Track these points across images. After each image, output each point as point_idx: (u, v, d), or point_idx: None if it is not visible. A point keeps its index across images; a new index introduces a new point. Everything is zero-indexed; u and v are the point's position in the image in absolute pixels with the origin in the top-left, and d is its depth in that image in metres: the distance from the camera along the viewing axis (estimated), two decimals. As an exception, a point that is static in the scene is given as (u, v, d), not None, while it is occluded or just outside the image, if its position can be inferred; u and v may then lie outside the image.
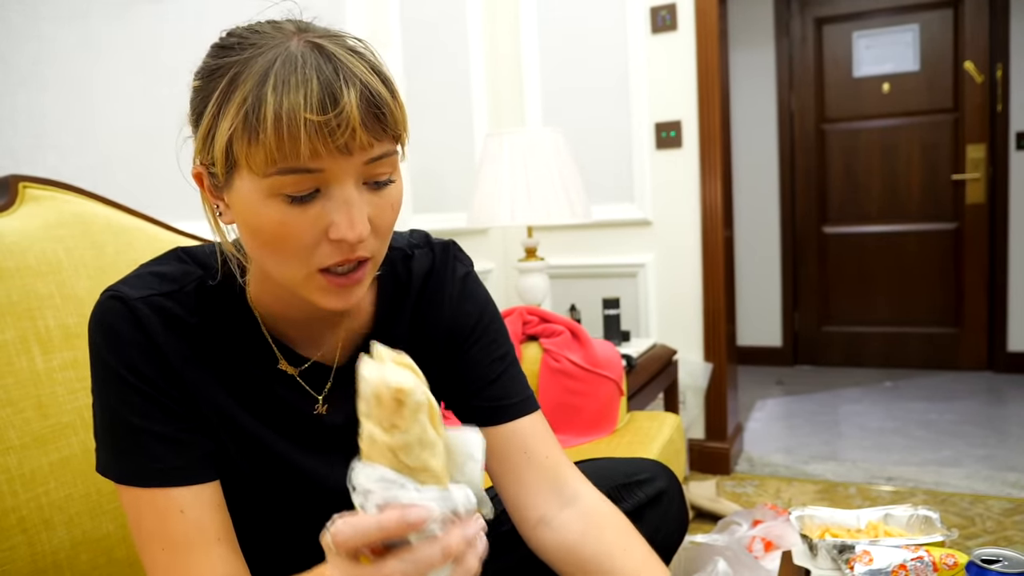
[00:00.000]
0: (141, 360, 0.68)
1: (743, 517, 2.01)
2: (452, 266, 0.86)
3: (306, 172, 0.60)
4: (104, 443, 0.70)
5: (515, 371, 0.87)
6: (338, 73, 0.59)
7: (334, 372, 0.79)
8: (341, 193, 0.62)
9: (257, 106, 0.58)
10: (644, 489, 0.93)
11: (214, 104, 0.61)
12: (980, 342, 3.84)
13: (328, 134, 0.58)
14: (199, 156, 0.65)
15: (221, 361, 0.73)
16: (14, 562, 0.86)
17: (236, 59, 0.61)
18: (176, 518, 0.67)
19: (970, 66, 3.71)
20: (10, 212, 0.99)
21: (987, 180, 3.75)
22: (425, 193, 2.27)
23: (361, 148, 0.61)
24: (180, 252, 0.76)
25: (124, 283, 0.71)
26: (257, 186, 0.61)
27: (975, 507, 2.19)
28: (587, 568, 0.77)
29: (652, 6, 2.51)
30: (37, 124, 1.18)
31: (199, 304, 0.72)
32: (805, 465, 2.63)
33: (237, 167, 0.62)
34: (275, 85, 0.58)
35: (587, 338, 1.77)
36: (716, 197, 2.50)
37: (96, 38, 1.27)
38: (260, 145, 0.59)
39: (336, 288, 0.66)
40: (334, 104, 0.58)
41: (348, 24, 1.94)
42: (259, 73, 0.59)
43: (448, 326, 0.84)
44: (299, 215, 0.62)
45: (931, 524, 1.12)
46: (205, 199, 0.69)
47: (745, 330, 4.24)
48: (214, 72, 0.62)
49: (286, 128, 0.58)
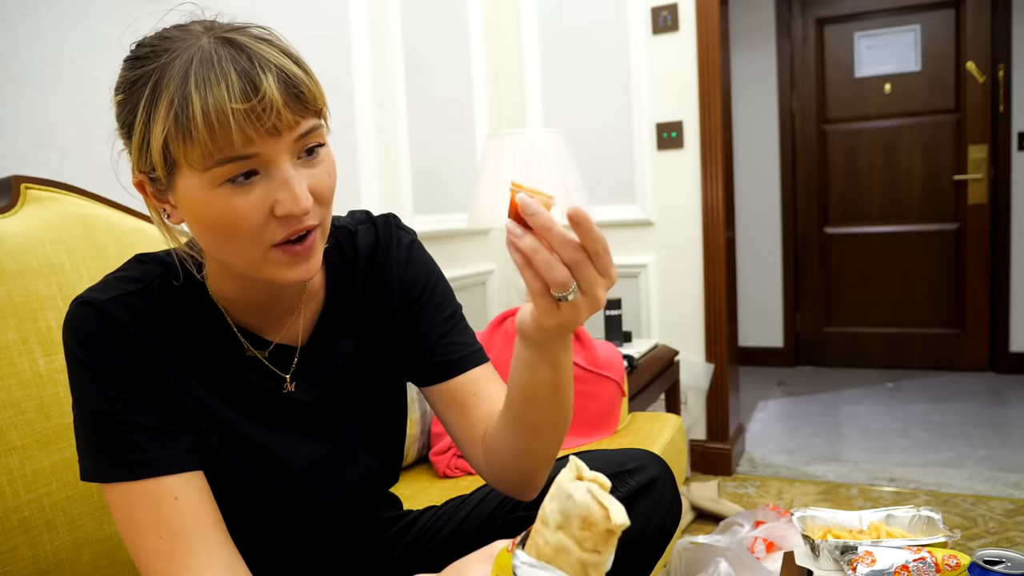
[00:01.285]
0: (118, 356, 0.70)
1: (745, 518, 2.01)
2: (397, 235, 0.89)
3: (243, 159, 0.64)
4: (89, 447, 0.71)
5: (463, 326, 0.90)
6: (253, 61, 0.63)
7: (299, 352, 0.82)
8: (279, 172, 0.65)
9: (185, 105, 0.62)
10: (635, 477, 0.93)
11: (142, 112, 0.64)
12: (982, 343, 3.84)
13: (255, 119, 0.62)
14: (138, 165, 0.68)
15: (191, 353, 0.75)
16: (16, 563, 0.86)
17: (154, 66, 0.64)
18: (171, 505, 0.68)
19: (972, 66, 3.70)
20: (12, 213, 0.99)
21: (989, 180, 3.75)
22: (426, 194, 2.27)
23: (288, 127, 0.65)
24: (141, 256, 0.79)
25: (91, 290, 0.73)
26: (199, 181, 0.64)
27: (977, 508, 2.19)
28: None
29: (653, 7, 2.51)
30: (39, 125, 1.18)
31: (164, 300, 0.74)
32: (807, 466, 2.63)
33: (177, 167, 0.65)
34: (197, 83, 0.62)
35: (588, 339, 1.77)
36: (717, 198, 2.50)
37: (98, 39, 1.27)
38: (195, 142, 0.62)
39: (293, 258, 0.69)
40: (255, 91, 0.62)
41: (350, 27, 1.94)
42: (180, 75, 0.62)
43: (399, 292, 0.87)
44: (244, 199, 0.65)
45: (933, 525, 1.12)
46: (151, 205, 0.72)
47: (746, 331, 4.24)
48: (135, 83, 0.65)
49: (216, 121, 0.61)
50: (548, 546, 0.51)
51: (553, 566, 0.51)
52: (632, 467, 0.94)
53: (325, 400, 0.83)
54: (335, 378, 0.84)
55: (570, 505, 0.51)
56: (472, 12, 2.55)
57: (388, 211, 0.93)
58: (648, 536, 0.92)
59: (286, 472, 0.80)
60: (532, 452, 0.80)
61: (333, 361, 0.84)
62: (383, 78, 2.08)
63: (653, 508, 0.93)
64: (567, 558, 0.51)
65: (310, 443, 0.82)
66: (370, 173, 2.01)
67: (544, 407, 0.75)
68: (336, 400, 0.84)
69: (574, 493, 0.51)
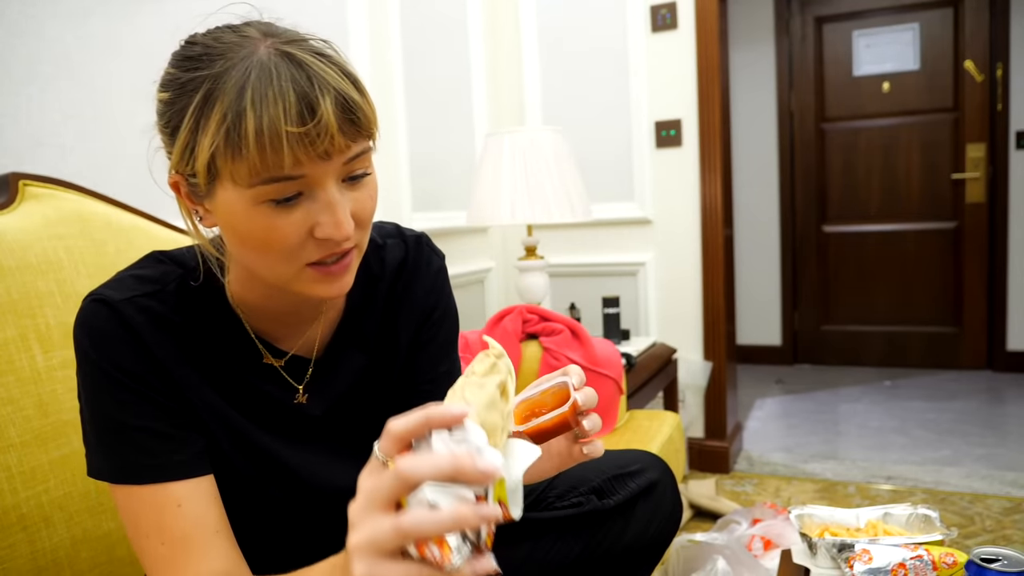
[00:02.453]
0: (130, 359, 0.69)
1: (742, 516, 2.01)
2: (427, 257, 0.88)
3: (289, 180, 0.62)
4: (96, 445, 0.70)
5: (457, 368, 0.90)
6: (312, 82, 0.61)
7: (313, 363, 0.81)
8: (324, 195, 0.64)
9: (238, 122, 0.60)
10: (636, 480, 0.93)
11: (190, 119, 0.62)
12: (980, 341, 3.85)
13: (309, 143, 0.61)
14: (176, 166, 0.66)
15: (206, 358, 0.74)
16: (14, 559, 0.86)
17: (207, 73, 0.62)
18: (174, 512, 0.67)
19: (970, 65, 3.71)
20: (11, 210, 0.99)
21: (987, 179, 3.75)
22: (425, 192, 2.27)
23: (339, 151, 0.63)
24: (158, 255, 0.77)
25: (106, 287, 0.71)
26: (241, 196, 0.63)
27: (974, 506, 2.19)
28: None
29: (652, 5, 2.51)
30: (38, 122, 1.18)
31: (181, 303, 0.73)
32: (804, 464, 2.64)
33: (220, 179, 0.63)
34: (253, 100, 0.60)
35: (587, 337, 1.77)
36: (716, 196, 2.50)
37: (97, 36, 1.26)
38: (244, 160, 0.60)
39: (327, 277, 0.68)
40: (312, 114, 0.60)
41: (348, 23, 1.94)
42: (235, 88, 0.60)
43: (417, 317, 0.86)
44: (285, 219, 0.64)
45: (930, 523, 1.12)
46: (183, 205, 0.70)
47: (745, 329, 4.24)
48: (185, 86, 0.63)
49: (268, 142, 0.59)
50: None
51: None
52: (633, 469, 0.94)
53: (334, 414, 0.82)
54: (344, 392, 0.82)
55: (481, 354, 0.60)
56: (471, 10, 2.55)
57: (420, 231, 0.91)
58: (648, 540, 0.92)
59: (295, 481, 0.79)
60: None
61: (344, 376, 0.82)
62: (382, 75, 2.08)
63: (654, 512, 0.93)
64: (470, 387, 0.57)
65: (319, 455, 0.81)
66: (369, 171, 2.01)
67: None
68: (344, 414, 0.83)
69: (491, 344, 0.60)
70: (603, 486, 0.92)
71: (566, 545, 0.90)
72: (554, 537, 0.90)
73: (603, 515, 0.90)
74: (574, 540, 0.90)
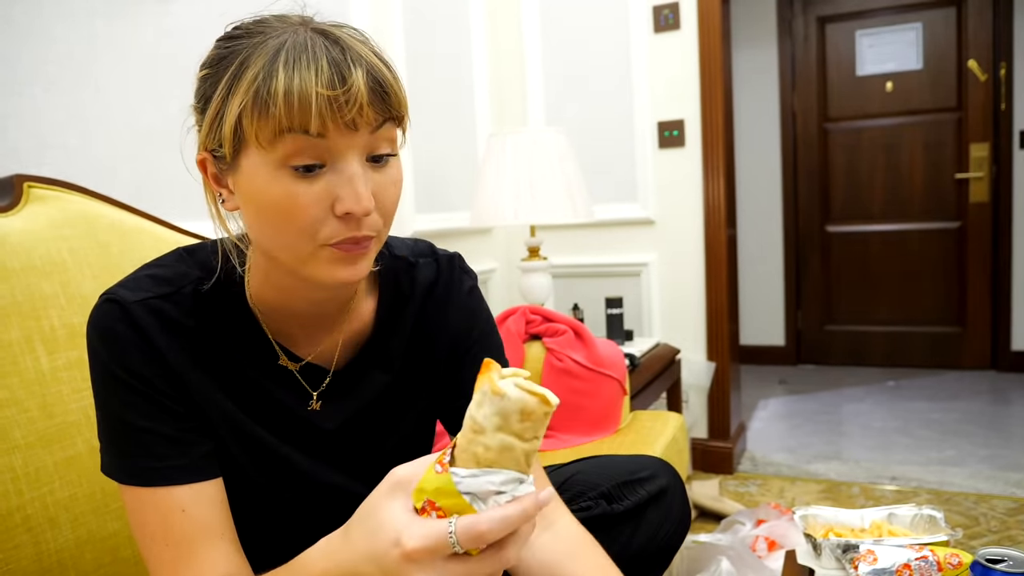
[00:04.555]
0: (140, 362, 0.68)
1: (746, 517, 2.01)
2: (459, 279, 0.86)
3: (311, 137, 0.62)
4: (107, 445, 0.71)
5: None
6: (345, 55, 0.62)
7: (331, 374, 0.79)
8: (347, 167, 0.64)
9: (268, 81, 0.60)
10: (646, 487, 0.93)
11: (224, 86, 0.63)
12: (984, 341, 3.84)
13: (337, 109, 0.61)
14: (205, 142, 0.66)
15: (218, 362, 0.73)
16: (19, 561, 0.86)
17: (245, 44, 0.63)
18: (178, 516, 0.67)
19: (974, 64, 3.70)
20: (15, 212, 0.99)
21: (990, 179, 3.74)
22: (428, 193, 2.27)
23: (367, 124, 0.63)
24: (182, 252, 0.77)
25: (121, 286, 0.71)
26: (264, 160, 0.63)
27: (979, 507, 2.19)
28: None
29: (655, 5, 2.51)
30: (42, 123, 1.18)
31: (196, 306, 0.72)
32: (808, 464, 2.63)
33: (245, 145, 0.63)
34: (286, 62, 0.60)
35: (590, 337, 1.77)
36: (719, 196, 2.50)
37: (101, 37, 1.27)
38: (270, 118, 0.61)
39: (343, 257, 0.66)
40: (342, 82, 0.61)
41: (351, 24, 1.94)
42: (270, 53, 0.61)
43: (452, 338, 0.84)
44: (306, 189, 0.63)
45: (935, 524, 1.12)
46: (207, 186, 0.70)
47: (748, 329, 4.24)
48: (223, 59, 0.64)
49: (297, 100, 0.60)
50: (490, 451, 0.52)
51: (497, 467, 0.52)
52: (644, 476, 0.94)
53: (347, 430, 0.81)
54: (360, 410, 0.81)
55: (506, 403, 0.51)
56: (474, 10, 2.55)
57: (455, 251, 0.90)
58: (657, 546, 0.91)
59: (305, 485, 0.79)
60: None
61: (363, 393, 0.81)
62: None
63: (664, 517, 0.92)
64: (511, 455, 0.52)
65: (328, 468, 0.80)
66: (372, 172, 2.01)
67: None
68: (357, 432, 0.81)
69: (507, 391, 0.52)
70: (612, 492, 0.92)
71: None
72: None
73: (612, 520, 0.90)
74: None
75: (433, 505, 0.53)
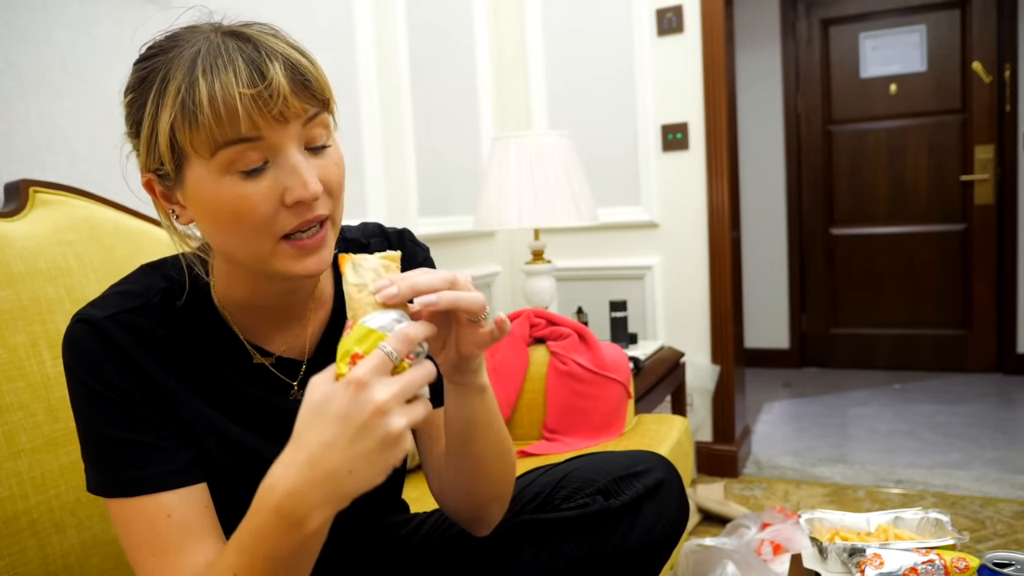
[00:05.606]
0: (115, 375, 0.69)
1: (752, 520, 2.00)
2: (411, 251, 0.89)
3: (248, 141, 0.63)
4: (90, 461, 0.71)
5: None
6: (259, 50, 0.64)
7: (306, 362, 0.81)
8: (287, 160, 0.65)
9: (191, 91, 0.62)
10: (642, 480, 0.93)
11: (151, 105, 0.64)
12: (989, 344, 3.82)
13: (262, 104, 0.62)
14: (146, 164, 0.68)
15: (193, 368, 0.74)
16: (25, 564, 0.87)
17: (162, 60, 0.65)
18: (164, 522, 0.68)
19: (978, 66, 3.69)
20: (21, 216, 1.00)
21: (995, 181, 3.73)
22: (431, 196, 2.27)
23: (295, 115, 0.65)
24: (146, 267, 0.78)
25: (91, 306, 0.72)
26: (207, 169, 0.64)
27: (985, 510, 2.18)
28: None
29: (658, 8, 2.51)
30: (47, 129, 1.19)
31: (166, 314, 0.74)
32: (813, 468, 2.62)
33: (185, 158, 0.65)
34: (204, 70, 0.62)
35: (594, 341, 1.77)
36: (723, 199, 2.50)
37: (106, 44, 1.27)
38: (200, 127, 0.62)
39: (303, 252, 0.69)
40: (262, 77, 0.62)
41: (355, 29, 1.95)
42: (187, 64, 0.63)
43: None
44: (254, 188, 0.65)
45: (942, 527, 1.12)
46: (159, 206, 0.72)
47: (752, 332, 4.22)
48: (144, 80, 0.66)
49: (222, 104, 0.61)
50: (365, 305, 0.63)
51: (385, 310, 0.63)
52: (639, 470, 0.94)
53: None
54: None
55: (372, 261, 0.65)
56: (477, 15, 2.55)
57: (403, 227, 0.93)
58: (656, 539, 0.91)
59: None
60: (478, 490, 0.81)
61: None
62: (388, 81, 2.08)
63: (661, 511, 0.92)
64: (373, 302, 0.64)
65: None
66: (376, 176, 2.01)
67: (482, 438, 0.78)
68: None
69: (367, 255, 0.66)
70: (609, 487, 0.92)
71: (573, 546, 0.90)
72: (561, 538, 0.90)
73: (610, 515, 0.90)
74: (581, 541, 0.90)
75: (357, 356, 0.59)
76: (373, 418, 0.57)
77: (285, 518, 0.59)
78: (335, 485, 0.58)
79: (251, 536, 0.61)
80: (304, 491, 0.58)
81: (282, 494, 0.58)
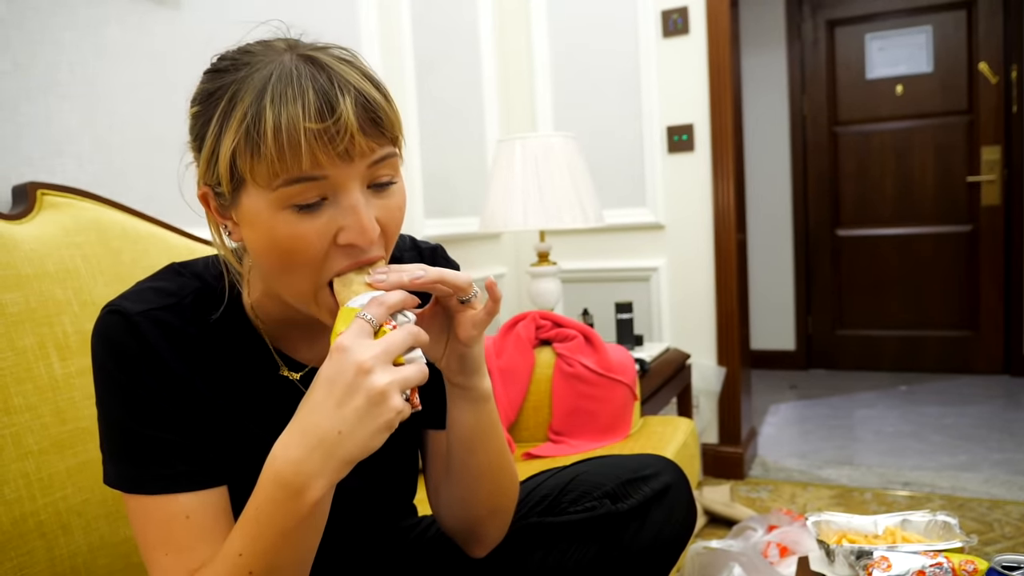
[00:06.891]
0: (144, 371, 0.69)
1: (758, 522, 2.00)
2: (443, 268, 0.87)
3: (310, 180, 0.62)
4: (110, 455, 0.71)
5: None
6: (332, 81, 0.61)
7: None
8: (347, 199, 0.64)
9: (257, 120, 0.60)
10: (650, 484, 0.92)
11: (216, 124, 0.63)
12: (996, 345, 3.81)
13: (328, 141, 0.60)
14: (204, 177, 0.67)
15: (222, 370, 0.74)
16: (33, 566, 0.87)
17: (232, 79, 0.63)
18: (181, 523, 0.68)
19: (984, 67, 3.68)
20: (28, 219, 1.00)
21: (1002, 182, 3.72)
22: (437, 198, 2.28)
23: (361, 153, 0.63)
24: (176, 267, 0.77)
25: (124, 298, 0.71)
26: (265, 200, 0.63)
27: (993, 512, 2.17)
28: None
29: (664, 9, 2.51)
30: (55, 131, 1.19)
31: (198, 316, 0.73)
32: (820, 470, 2.62)
33: (243, 183, 0.64)
34: (272, 98, 0.60)
35: (600, 342, 1.77)
36: (729, 200, 2.50)
37: (113, 46, 1.28)
38: (263, 158, 0.60)
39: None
40: (331, 112, 0.60)
41: (360, 31, 1.95)
42: (256, 88, 0.61)
43: None
44: (309, 224, 0.63)
45: (950, 530, 1.11)
46: (211, 219, 0.71)
47: (758, 334, 4.22)
48: (212, 95, 0.64)
49: (286, 139, 0.60)
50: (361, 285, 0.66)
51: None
52: (647, 473, 0.94)
53: None
54: None
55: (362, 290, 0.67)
56: (482, 16, 2.56)
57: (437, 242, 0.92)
58: (664, 542, 0.91)
59: None
60: (475, 502, 0.82)
61: None
62: (393, 83, 2.09)
63: (668, 515, 0.92)
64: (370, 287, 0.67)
65: None
66: (381, 177, 2.01)
67: (483, 449, 0.79)
68: None
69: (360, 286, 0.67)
70: (617, 490, 0.92)
71: (581, 549, 0.90)
72: (569, 541, 0.90)
73: (617, 518, 0.90)
74: (589, 544, 0.90)
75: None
76: (357, 378, 0.58)
77: (285, 488, 0.60)
78: (328, 448, 0.59)
79: (255, 511, 0.63)
80: (300, 458, 0.60)
81: (280, 464, 0.60)
